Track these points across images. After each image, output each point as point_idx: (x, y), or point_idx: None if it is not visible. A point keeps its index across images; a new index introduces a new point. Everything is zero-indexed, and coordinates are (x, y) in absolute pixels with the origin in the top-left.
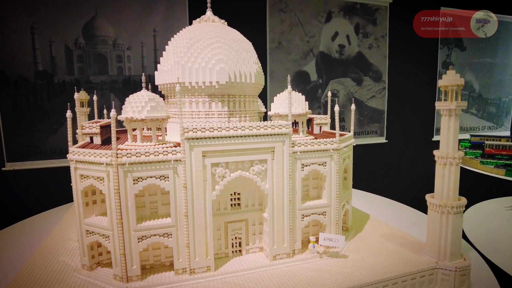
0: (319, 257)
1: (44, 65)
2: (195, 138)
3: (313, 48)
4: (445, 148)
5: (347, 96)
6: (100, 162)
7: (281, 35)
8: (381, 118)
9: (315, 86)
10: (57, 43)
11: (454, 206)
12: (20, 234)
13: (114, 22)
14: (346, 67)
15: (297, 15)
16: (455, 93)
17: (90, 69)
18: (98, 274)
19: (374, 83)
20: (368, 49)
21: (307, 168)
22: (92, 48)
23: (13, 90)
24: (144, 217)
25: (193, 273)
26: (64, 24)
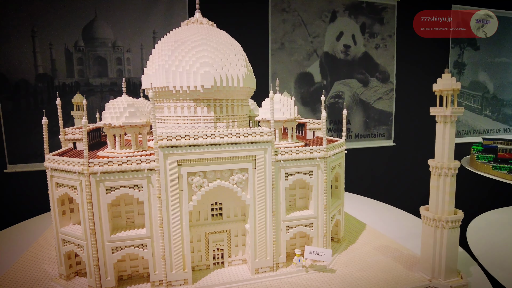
0: (305, 271)
1: (45, 68)
2: (169, 146)
3: (317, 49)
4: (440, 157)
5: (353, 98)
6: (72, 170)
7: (284, 36)
8: (389, 121)
9: (319, 88)
10: (57, 46)
11: (449, 220)
12: (14, 237)
13: (113, 25)
14: (351, 68)
15: (300, 15)
16: (451, 98)
17: (90, 71)
18: (75, 284)
19: (381, 84)
20: (374, 49)
21: (292, 177)
22: (92, 51)
23: (14, 92)
24: (120, 227)
25: (170, 286)
26: (64, 27)
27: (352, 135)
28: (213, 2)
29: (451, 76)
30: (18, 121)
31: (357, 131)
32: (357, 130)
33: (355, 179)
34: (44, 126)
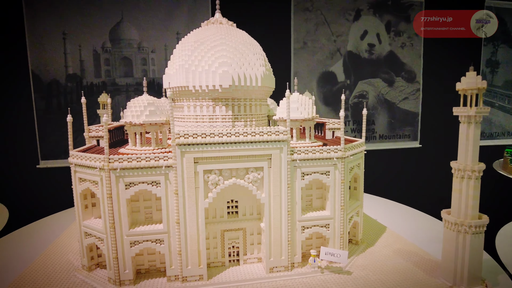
0: (320, 272)
1: (74, 68)
2: (186, 144)
3: (340, 48)
4: (463, 159)
5: (377, 98)
6: (94, 166)
7: (306, 35)
8: (415, 121)
9: (342, 87)
10: (86, 48)
11: (472, 225)
12: (43, 228)
13: (139, 26)
14: (376, 67)
15: (324, 14)
16: (475, 97)
17: (116, 72)
18: (95, 276)
19: (407, 84)
20: (400, 48)
21: (308, 177)
22: (118, 52)
23: (47, 92)
24: (139, 222)
25: (185, 281)
26: (92, 30)
27: (376, 136)
28: (235, 2)
29: (477, 75)
30: (50, 119)
31: (382, 132)
32: (382, 131)
33: (378, 181)
34: (69, 124)
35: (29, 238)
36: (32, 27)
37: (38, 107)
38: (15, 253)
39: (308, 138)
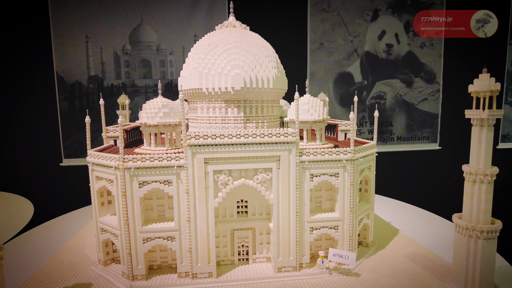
0: (328, 273)
1: (96, 70)
2: (197, 145)
3: (358, 48)
4: (475, 163)
5: (395, 99)
6: (109, 165)
7: (323, 36)
8: (434, 123)
9: (359, 88)
10: (107, 50)
11: (484, 230)
12: (65, 224)
13: (157, 29)
14: (394, 68)
15: (340, 15)
16: (488, 100)
17: (135, 73)
18: (110, 270)
19: (426, 85)
20: (420, 48)
21: (317, 178)
22: (138, 54)
23: (70, 93)
24: (152, 219)
25: (195, 278)
26: (113, 32)
27: (394, 138)
28: (252, 4)
29: (502, 74)
30: (73, 119)
31: (400, 134)
32: (400, 133)
33: (395, 183)
34: (87, 124)
35: (52, 233)
36: (57, 31)
37: (61, 107)
38: (38, 246)
39: (319, 140)
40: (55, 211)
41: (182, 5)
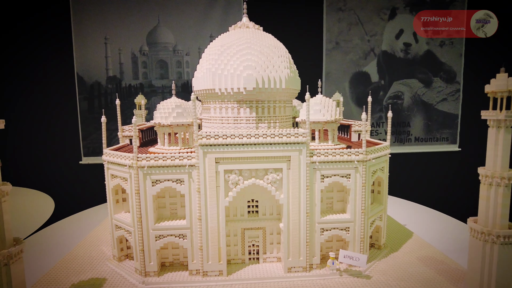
0: (339, 274)
1: (114, 71)
2: (208, 145)
3: (374, 48)
4: (492, 165)
5: (413, 99)
6: (124, 164)
7: (339, 35)
8: (454, 124)
9: (376, 88)
10: (125, 51)
11: (501, 235)
12: (83, 220)
13: (174, 30)
14: (412, 67)
15: (357, 14)
16: (506, 100)
17: (152, 74)
18: (124, 266)
19: (445, 85)
20: (439, 47)
21: (328, 179)
22: (155, 55)
23: (89, 93)
24: (164, 217)
25: (206, 276)
26: (131, 34)
27: (411, 138)
28: (267, 3)
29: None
30: (92, 118)
31: (418, 134)
32: (418, 133)
33: (412, 185)
34: (103, 124)
35: (70, 228)
36: (78, 33)
37: (81, 107)
38: (58, 240)
39: (331, 140)
40: (74, 207)
41: (198, 6)
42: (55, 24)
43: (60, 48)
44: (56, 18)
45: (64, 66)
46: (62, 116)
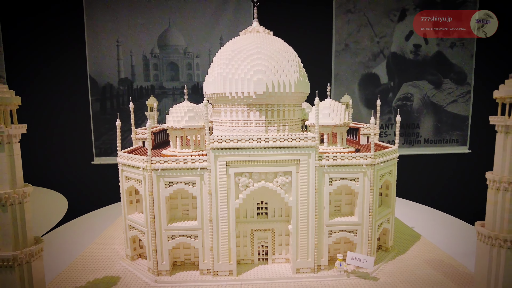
0: (346, 276)
1: (126, 73)
2: (219, 148)
3: (384, 49)
4: (499, 170)
5: (423, 101)
6: (138, 166)
7: (348, 37)
8: (464, 125)
9: (385, 89)
10: (137, 54)
11: (508, 239)
12: (95, 219)
13: (185, 32)
14: (422, 69)
15: (366, 15)
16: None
17: (163, 76)
18: (137, 265)
19: (456, 86)
20: (449, 48)
21: (337, 183)
22: (166, 57)
23: (102, 95)
24: (177, 218)
25: (216, 275)
26: (142, 37)
27: (421, 140)
28: (277, 5)
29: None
30: (104, 120)
31: (427, 136)
32: (427, 135)
33: (420, 187)
34: (117, 128)
35: (84, 227)
36: (91, 35)
37: (93, 108)
38: (72, 239)
39: (340, 144)
40: (87, 207)
41: (208, 9)
42: (69, 27)
43: (74, 51)
44: (70, 21)
45: (77, 69)
46: (75, 117)
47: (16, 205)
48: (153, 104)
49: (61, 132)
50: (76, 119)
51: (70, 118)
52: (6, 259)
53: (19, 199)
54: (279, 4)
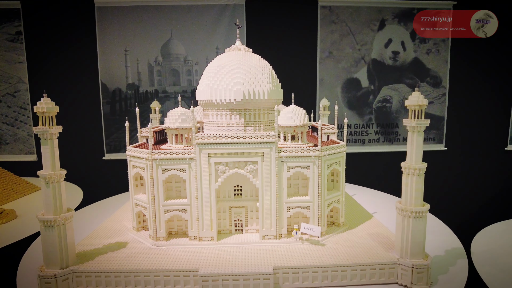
0: (301, 242)
1: (133, 78)
2: (203, 144)
3: (365, 56)
4: (409, 160)
5: (401, 103)
6: (142, 157)
7: (332, 45)
8: (440, 125)
9: (366, 93)
10: (142, 61)
11: (413, 211)
12: (108, 204)
13: (185, 42)
14: (400, 73)
15: (348, 25)
16: (418, 112)
17: (166, 81)
18: (141, 234)
19: (432, 89)
20: (426, 55)
21: (292, 170)
22: (168, 64)
23: (112, 98)
24: (171, 197)
25: (201, 240)
26: (147, 46)
27: (400, 138)
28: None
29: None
30: (113, 120)
31: (405, 135)
32: (406, 134)
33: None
34: (126, 128)
35: (98, 211)
36: (102, 45)
37: (104, 110)
38: (88, 220)
39: (300, 140)
40: (99, 196)
41: (206, 22)
42: (83, 38)
43: (87, 60)
44: (84, 34)
45: (90, 75)
46: (89, 118)
47: (56, 183)
48: (156, 107)
49: (76, 131)
50: (90, 120)
51: (84, 119)
52: (49, 220)
53: (57, 179)
54: (268, 17)
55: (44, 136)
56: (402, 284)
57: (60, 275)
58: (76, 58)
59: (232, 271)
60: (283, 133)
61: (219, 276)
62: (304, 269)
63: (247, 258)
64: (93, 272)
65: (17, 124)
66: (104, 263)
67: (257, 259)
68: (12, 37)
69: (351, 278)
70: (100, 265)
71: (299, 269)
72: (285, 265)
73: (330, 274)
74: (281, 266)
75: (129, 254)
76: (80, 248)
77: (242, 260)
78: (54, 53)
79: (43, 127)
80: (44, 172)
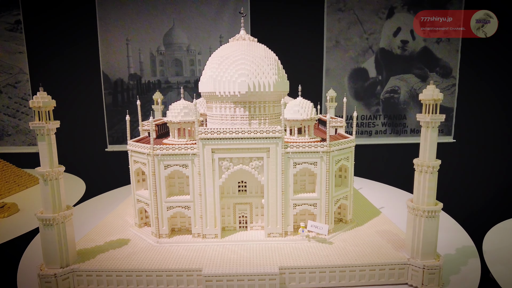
0: (307, 240)
1: (135, 69)
2: (206, 138)
3: (373, 45)
4: (422, 156)
5: (410, 93)
6: (143, 152)
7: (339, 34)
8: (449, 117)
9: (374, 83)
10: (144, 51)
11: (426, 210)
12: (110, 198)
13: (188, 31)
14: (409, 63)
15: (356, 13)
16: (433, 107)
17: (168, 71)
18: (143, 231)
19: (441, 79)
20: (436, 44)
21: (299, 166)
22: (171, 54)
23: (113, 89)
24: (174, 193)
25: (205, 238)
26: (149, 36)
27: (407, 130)
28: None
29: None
30: (116, 111)
31: (413, 126)
32: (414, 125)
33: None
34: (127, 122)
35: (100, 205)
36: (103, 35)
37: (106, 101)
38: (90, 215)
39: (307, 135)
40: (102, 189)
41: (209, 10)
42: (84, 29)
43: (88, 50)
44: (85, 24)
45: (92, 66)
46: (91, 109)
47: (54, 180)
48: (158, 99)
49: (78, 123)
50: (91, 111)
51: (86, 110)
52: (48, 219)
53: (55, 176)
54: (274, 5)
55: (40, 132)
56: (412, 285)
57: (60, 274)
58: (77, 48)
59: (236, 271)
60: (289, 127)
61: (224, 276)
62: (311, 269)
63: (252, 257)
64: (94, 271)
65: (18, 116)
66: (105, 261)
67: (263, 258)
68: (11, 26)
69: (359, 278)
70: (101, 264)
71: (306, 269)
72: (292, 265)
73: (337, 275)
74: (288, 266)
75: (131, 252)
76: (81, 245)
77: (247, 259)
78: (55, 43)
79: (40, 122)
80: (42, 169)
